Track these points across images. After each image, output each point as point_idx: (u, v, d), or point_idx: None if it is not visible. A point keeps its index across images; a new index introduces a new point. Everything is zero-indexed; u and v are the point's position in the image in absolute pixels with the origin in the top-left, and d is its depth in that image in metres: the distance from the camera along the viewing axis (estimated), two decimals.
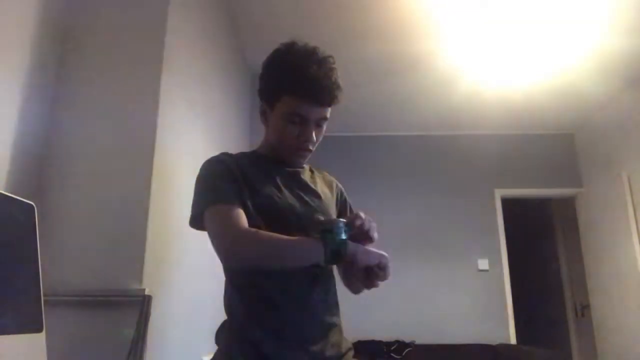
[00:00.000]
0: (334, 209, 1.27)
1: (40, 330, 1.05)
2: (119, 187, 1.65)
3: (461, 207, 4.85)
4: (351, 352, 1.17)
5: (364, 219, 1.04)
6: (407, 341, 4.04)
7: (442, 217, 4.84)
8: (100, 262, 1.57)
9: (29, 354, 1.01)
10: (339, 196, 1.34)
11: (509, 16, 3.12)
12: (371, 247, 1.03)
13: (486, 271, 4.70)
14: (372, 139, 5.08)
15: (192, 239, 1.47)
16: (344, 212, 1.31)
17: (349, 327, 1.21)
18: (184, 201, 1.27)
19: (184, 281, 2.04)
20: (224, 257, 1.06)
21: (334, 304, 1.18)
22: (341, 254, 0.98)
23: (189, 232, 1.19)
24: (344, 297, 1.24)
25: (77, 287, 1.52)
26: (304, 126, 1.15)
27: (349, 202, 1.36)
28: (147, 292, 1.52)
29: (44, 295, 1.08)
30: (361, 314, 4.15)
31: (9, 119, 1.47)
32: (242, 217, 1.07)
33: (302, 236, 1.03)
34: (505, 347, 4.29)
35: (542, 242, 5.86)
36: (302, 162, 1.25)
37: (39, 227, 1.09)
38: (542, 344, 4.82)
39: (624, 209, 4.09)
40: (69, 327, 1.45)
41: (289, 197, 1.16)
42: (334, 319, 1.16)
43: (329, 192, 1.29)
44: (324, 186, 1.29)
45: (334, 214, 1.25)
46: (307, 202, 1.18)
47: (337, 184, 1.37)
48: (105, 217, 1.62)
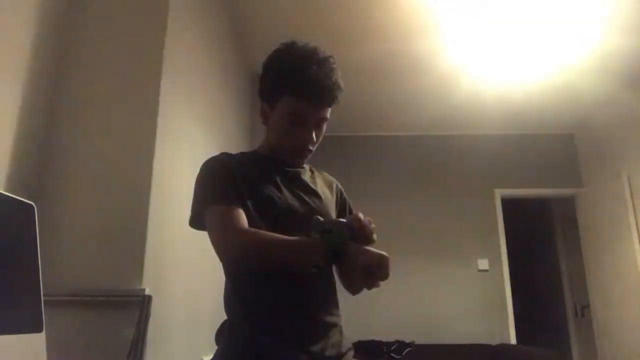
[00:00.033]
0: (334, 210, 1.27)
1: (40, 330, 1.05)
2: (119, 187, 1.65)
3: (461, 207, 4.85)
4: (351, 352, 1.17)
5: (362, 220, 1.04)
6: (407, 341, 4.03)
7: (442, 217, 4.84)
8: (100, 262, 1.57)
9: (29, 354, 1.01)
10: (339, 196, 1.34)
11: (509, 16, 3.12)
12: (371, 247, 1.03)
13: (486, 271, 4.70)
14: (372, 139, 5.08)
15: (192, 239, 1.47)
16: (344, 212, 1.31)
17: (349, 327, 1.21)
18: (184, 201, 1.27)
19: (184, 281, 2.04)
20: (224, 257, 1.06)
21: (334, 304, 1.18)
22: (341, 254, 0.98)
23: (189, 232, 1.19)
24: (344, 297, 1.24)
25: (77, 287, 1.52)
26: (304, 126, 1.15)
27: (349, 203, 1.36)
28: (147, 292, 1.52)
29: (44, 295, 1.07)
30: (361, 314, 4.15)
31: (9, 119, 1.47)
32: (242, 218, 1.07)
33: (302, 236, 1.03)
34: (505, 347, 4.29)
35: (542, 242, 5.86)
36: (302, 162, 1.25)
37: (39, 227, 1.09)
38: (542, 344, 4.82)
39: (624, 209, 4.09)
40: (69, 327, 1.45)
41: (289, 197, 1.16)
42: (334, 319, 1.16)
43: (329, 192, 1.29)
44: (324, 186, 1.29)
45: (334, 215, 1.25)
46: (307, 203, 1.18)
47: (337, 184, 1.37)
48: (105, 217, 1.62)
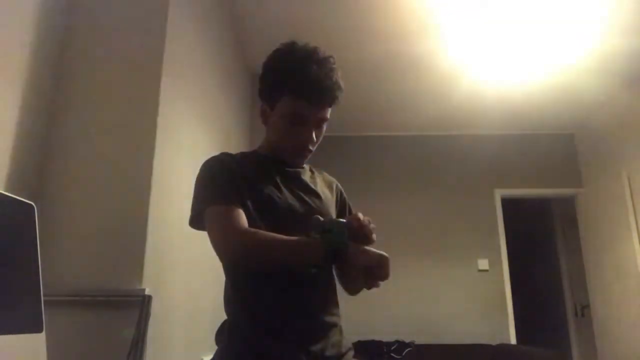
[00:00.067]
0: (334, 210, 1.27)
1: (40, 330, 1.05)
2: (119, 186, 1.65)
3: (461, 207, 4.85)
4: (351, 352, 1.17)
5: (362, 220, 1.04)
6: (407, 341, 4.04)
7: (442, 217, 4.84)
8: (100, 262, 1.57)
9: (29, 354, 1.01)
10: (339, 197, 1.34)
11: (509, 16, 3.12)
12: (371, 247, 1.03)
13: (486, 271, 4.70)
14: (372, 139, 5.08)
15: (192, 239, 1.47)
16: (344, 212, 1.31)
17: (349, 327, 1.21)
18: (184, 201, 1.27)
19: (184, 281, 2.04)
20: (223, 257, 1.06)
21: (334, 304, 1.18)
22: (341, 254, 0.98)
23: (189, 232, 1.19)
24: (344, 297, 1.24)
25: (77, 287, 1.52)
26: (304, 126, 1.15)
27: (349, 203, 1.36)
28: (147, 292, 1.52)
29: (44, 295, 1.07)
30: (361, 314, 4.15)
31: (9, 119, 1.47)
32: (242, 217, 1.07)
33: (302, 236, 1.03)
34: (505, 347, 4.29)
35: (542, 242, 5.86)
36: (302, 162, 1.25)
37: (39, 227, 1.09)
38: (542, 344, 4.82)
39: (624, 208, 4.09)
40: (69, 327, 1.45)
41: (289, 197, 1.16)
42: (334, 319, 1.16)
43: (329, 192, 1.29)
44: (324, 186, 1.29)
45: (333, 215, 1.25)
46: (307, 203, 1.18)
47: (337, 184, 1.37)
48: (105, 217, 1.62)
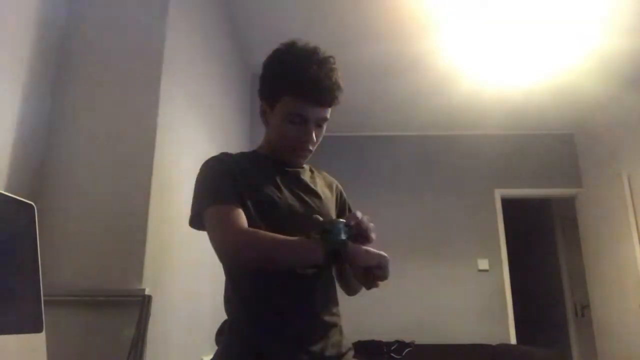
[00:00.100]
0: (334, 210, 1.27)
1: (40, 330, 1.05)
2: (119, 187, 1.65)
3: (461, 207, 4.85)
4: (351, 352, 1.17)
5: (359, 218, 1.04)
6: (407, 341, 4.03)
7: (442, 217, 4.84)
8: (100, 262, 1.57)
9: (29, 354, 1.01)
10: (339, 197, 1.34)
11: (509, 16, 3.12)
12: (370, 248, 1.03)
13: (486, 271, 4.70)
14: (372, 139, 5.08)
15: (192, 239, 1.47)
16: (344, 213, 1.31)
17: (349, 327, 1.21)
18: (184, 201, 1.27)
19: (184, 281, 2.04)
20: (223, 257, 1.06)
21: (334, 303, 1.18)
22: (341, 254, 0.98)
23: (189, 232, 1.19)
24: (344, 297, 1.24)
25: (77, 287, 1.52)
26: (304, 126, 1.15)
27: (349, 204, 1.36)
28: (147, 292, 1.52)
29: (44, 295, 1.08)
30: (361, 314, 4.15)
31: (9, 119, 1.47)
32: (241, 218, 1.06)
33: (302, 236, 1.03)
34: (505, 347, 4.29)
35: (542, 242, 5.86)
36: (302, 162, 1.25)
37: (39, 227, 1.09)
38: (542, 344, 4.82)
39: (624, 208, 4.09)
40: (69, 327, 1.45)
41: (289, 197, 1.16)
42: (334, 319, 1.16)
43: (329, 192, 1.29)
44: (324, 187, 1.29)
45: (333, 215, 1.25)
46: (307, 203, 1.18)
47: (337, 184, 1.36)
48: (105, 217, 1.62)
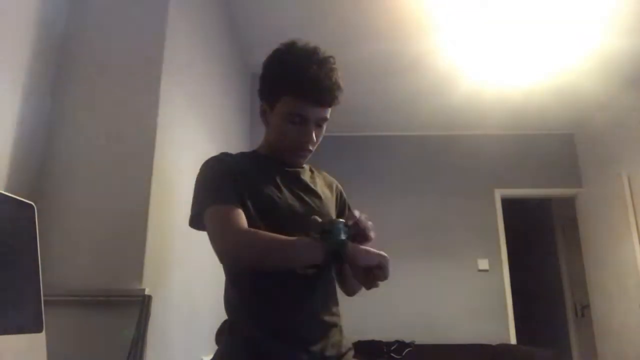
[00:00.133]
0: (334, 210, 1.27)
1: (40, 330, 1.05)
2: (119, 187, 1.65)
3: (461, 207, 4.85)
4: (351, 352, 1.17)
5: (357, 217, 1.04)
6: (407, 341, 4.03)
7: (442, 217, 4.83)
8: (100, 262, 1.57)
9: (29, 354, 1.01)
10: (339, 197, 1.34)
11: (509, 16, 3.12)
12: (369, 247, 1.03)
13: (486, 271, 4.70)
14: (372, 139, 5.08)
15: (192, 239, 1.47)
16: (343, 213, 1.31)
17: (349, 327, 1.21)
18: (184, 201, 1.27)
19: (184, 281, 2.04)
20: (223, 257, 1.06)
21: (334, 304, 1.18)
22: (340, 254, 0.98)
23: (189, 232, 1.19)
24: (344, 297, 1.24)
25: (77, 287, 1.52)
26: (304, 126, 1.15)
27: (348, 204, 1.36)
28: (147, 292, 1.52)
29: (44, 295, 1.07)
30: (361, 314, 4.15)
31: (9, 119, 1.47)
32: (241, 218, 1.06)
33: (302, 237, 1.03)
34: (505, 347, 4.29)
35: (542, 242, 5.86)
36: (302, 162, 1.25)
37: (39, 227, 1.09)
38: (542, 344, 4.82)
39: (624, 209, 4.09)
40: (69, 327, 1.45)
41: (289, 197, 1.16)
42: (334, 319, 1.16)
43: (329, 192, 1.29)
44: (324, 187, 1.29)
45: (333, 215, 1.25)
46: (307, 203, 1.18)
47: (337, 184, 1.37)
48: (105, 217, 1.62)
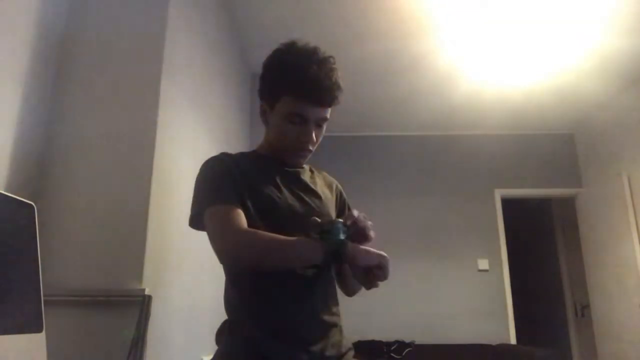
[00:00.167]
0: (334, 210, 1.27)
1: (40, 330, 1.05)
2: (119, 187, 1.65)
3: (461, 207, 4.85)
4: (351, 352, 1.17)
5: (356, 217, 1.04)
6: (407, 341, 4.03)
7: (442, 217, 4.84)
8: (100, 262, 1.57)
9: (29, 354, 1.01)
10: (339, 197, 1.33)
11: (509, 16, 3.12)
12: (369, 247, 1.03)
13: (486, 271, 4.70)
14: (372, 139, 5.08)
15: (192, 239, 1.47)
16: (343, 213, 1.31)
17: (349, 327, 1.21)
18: (184, 201, 1.27)
19: (184, 281, 2.04)
20: (223, 257, 1.06)
21: (334, 304, 1.18)
22: (340, 254, 0.98)
23: (189, 232, 1.19)
24: (344, 297, 1.24)
25: (77, 287, 1.52)
26: (304, 126, 1.15)
27: (348, 204, 1.36)
28: (147, 292, 1.52)
29: (44, 295, 1.07)
30: (361, 314, 4.15)
31: (9, 119, 1.47)
32: (241, 218, 1.06)
33: (302, 237, 1.03)
34: (505, 347, 4.29)
35: (542, 242, 5.86)
36: (302, 162, 1.25)
37: (39, 227, 1.09)
38: (542, 344, 4.82)
39: (624, 209, 4.09)
40: (69, 327, 1.45)
41: (289, 197, 1.16)
42: (334, 319, 1.16)
43: (328, 192, 1.29)
44: (324, 187, 1.29)
45: (333, 215, 1.25)
46: (307, 203, 1.18)
47: (337, 184, 1.36)
48: (105, 217, 1.62)
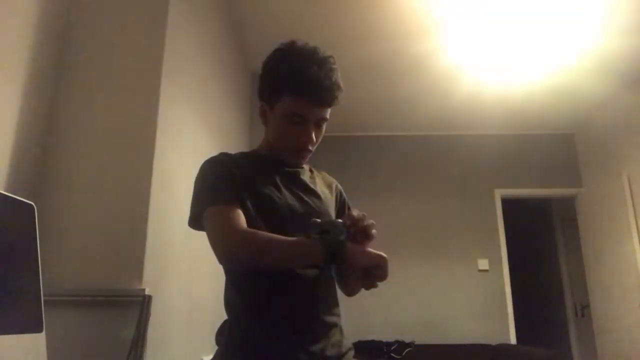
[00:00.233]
0: (334, 210, 1.27)
1: (40, 330, 1.05)
2: (119, 187, 1.65)
3: (461, 207, 4.85)
4: (351, 352, 1.17)
5: (355, 217, 1.03)
6: (407, 341, 4.03)
7: (442, 217, 4.84)
8: (100, 262, 1.57)
9: (29, 354, 1.01)
10: (339, 197, 1.33)
11: (508, 16, 3.12)
12: (370, 246, 1.03)
13: (486, 271, 4.70)
14: (372, 139, 5.08)
15: (192, 239, 1.47)
16: (343, 212, 1.31)
17: (349, 327, 1.21)
18: (184, 201, 1.27)
19: (184, 281, 2.04)
20: (222, 257, 1.06)
21: (334, 304, 1.18)
22: (339, 254, 0.98)
23: (189, 232, 1.19)
24: (344, 297, 1.24)
25: (77, 287, 1.52)
26: (304, 126, 1.15)
27: (348, 204, 1.36)
28: (147, 292, 1.52)
29: (44, 295, 1.07)
30: (361, 314, 4.15)
31: (9, 119, 1.47)
32: (240, 218, 1.06)
33: (301, 237, 1.03)
34: (505, 347, 4.29)
35: (542, 242, 5.86)
36: (302, 162, 1.25)
37: (39, 227, 1.09)
38: (542, 344, 4.82)
39: (624, 209, 4.09)
40: (69, 327, 1.45)
41: (289, 197, 1.16)
42: (335, 318, 1.16)
43: (328, 192, 1.29)
44: (324, 186, 1.29)
45: (333, 215, 1.25)
46: (306, 203, 1.18)
47: (337, 184, 1.36)
48: (105, 217, 1.62)
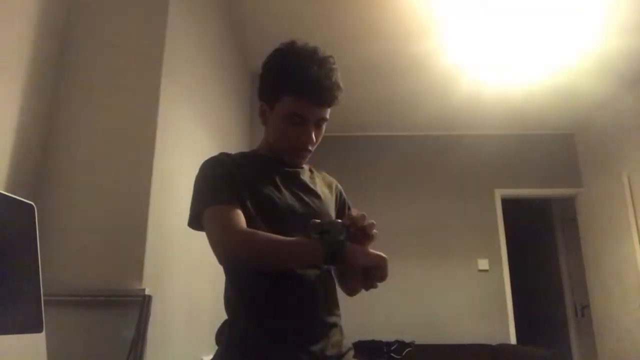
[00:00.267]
0: (334, 210, 1.27)
1: (40, 330, 1.05)
2: (119, 187, 1.65)
3: (461, 207, 4.85)
4: (351, 352, 1.17)
5: (354, 218, 1.03)
6: (407, 341, 4.04)
7: (442, 217, 4.84)
8: (100, 262, 1.57)
9: (29, 354, 1.01)
10: (339, 197, 1.33)
11: (508, 16, 3.12)
12: (371, 247, 1.03)
13: (486, 271, 4.70)
14: (372, 139, 5.08)
15: (192, 239, 1.47)
16: (343, 212, 1.30)
17: (349, 327, 1.21)
18: (184, 201, 1.27)
19: (184, 281, 2.04)
20: (222, 258, 1.06)
21: (334, 303, 1.18)
22: (339, 255, 0.98)
23: (189, 232, 1.19)
24: (344, 297, 1.24)
25: (77, 287, 1.52)
26: (304, 126, 1.14)
27: (349, 204, 1.35)
28: (147, 292, 1.52)
29: (44, 295, 1.07)
30: (361, 314, 4.15)
31: (9, 119, 1.47)
32: (240, 218, 1.06)
33: (301, 237, 1.03)
34: (505, 347, 4.29)
35: (542, 242, 5.86)
36: (302, 162, 1.25)
37: (39, 227, 1.09)
38: (542, 344, 4.82)
39: (624, 209, 4.09)
40: (69, 327, 1.45)
41: (289, 197, 1.16)
42: (334, 318, 1.16)
43: (328, 192, 1.29)
44: (324, 186, 1.29)
45: (333, 215, 1.25)
46: (306, 203, 1.18)
47: (337, 184, 1.36)
48: (105, 217, 1.62)
